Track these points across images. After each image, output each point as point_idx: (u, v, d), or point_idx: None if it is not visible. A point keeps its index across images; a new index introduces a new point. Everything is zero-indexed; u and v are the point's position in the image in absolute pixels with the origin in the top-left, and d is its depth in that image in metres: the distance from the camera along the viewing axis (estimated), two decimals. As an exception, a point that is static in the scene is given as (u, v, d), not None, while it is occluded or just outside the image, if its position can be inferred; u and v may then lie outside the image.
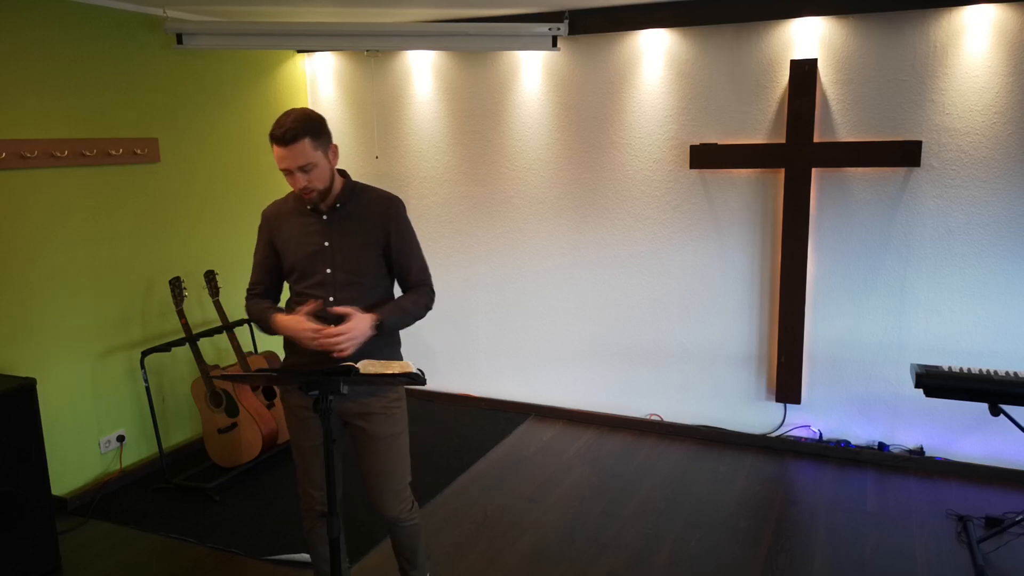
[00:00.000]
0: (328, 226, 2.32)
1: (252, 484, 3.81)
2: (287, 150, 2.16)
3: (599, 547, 3.19)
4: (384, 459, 2.39)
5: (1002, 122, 3.53)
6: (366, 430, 2.36)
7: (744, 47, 3.90)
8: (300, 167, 2.18)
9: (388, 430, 2.38)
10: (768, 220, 4.00)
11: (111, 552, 3.24)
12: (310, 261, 2.31)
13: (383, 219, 2.34)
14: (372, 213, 2.35)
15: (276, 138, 2.17)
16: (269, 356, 4.12)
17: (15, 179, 3.36)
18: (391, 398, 2.38)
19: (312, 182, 2.22)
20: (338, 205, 2.33)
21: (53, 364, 3.56)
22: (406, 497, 2.46)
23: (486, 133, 4.56)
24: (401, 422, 2.43)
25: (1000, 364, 3.64)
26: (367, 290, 2.33)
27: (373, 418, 2.36)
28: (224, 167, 4.38)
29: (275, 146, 2.18)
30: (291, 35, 4.12)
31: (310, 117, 2.21)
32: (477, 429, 4.46)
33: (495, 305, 4.71)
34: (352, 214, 2.34)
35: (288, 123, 2.16)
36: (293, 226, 2.35)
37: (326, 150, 2.24)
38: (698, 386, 4.30)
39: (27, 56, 3.38)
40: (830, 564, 3.02)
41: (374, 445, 2.38)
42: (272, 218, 2.41)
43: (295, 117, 2.18)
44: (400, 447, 2.43)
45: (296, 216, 2.36)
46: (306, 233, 2.33)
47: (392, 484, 2.42)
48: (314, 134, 2.19)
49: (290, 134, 2.15)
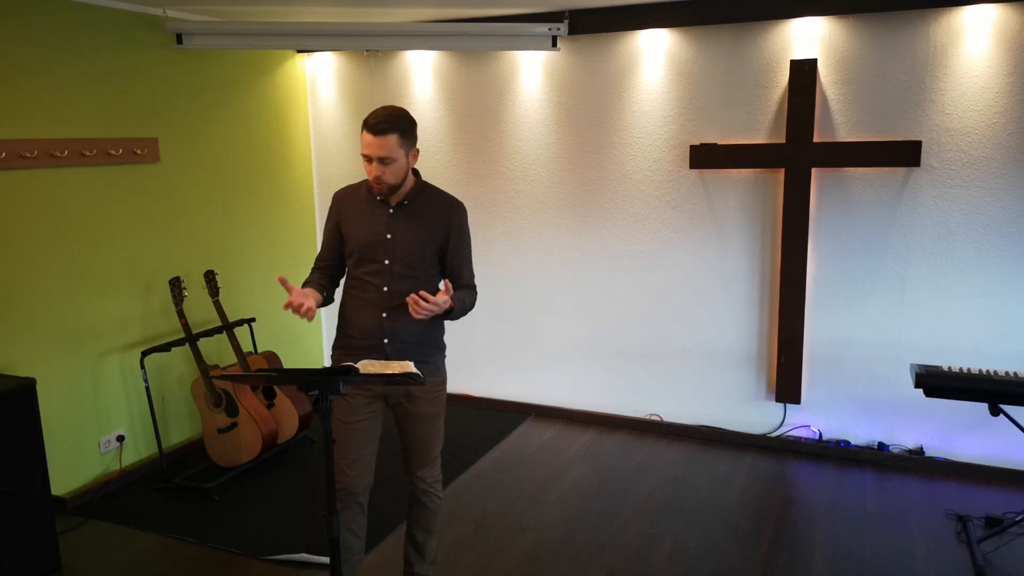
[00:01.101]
0: (393, 219, 2.44)
1: (252, 484, 3.81)
2: (375, 139, 2.28)
3: (599, 546, 3.19)
4: (424, 435, 2.57)
5: (1002, 122, 3.53)
6: (409, 410, 2.52)
7: (744, 47, 3.91)
8: (380, 158, 2.30)
9: (430, 410, 2.55)
10: (768, 220, 4.00)
11: (111, 552, 3.24)
12: (371, 249, 2.44)
13: (446, 221, 2.48)
14: (436, 214, 2.48)
15: (369, 126, 2.29)
16: (269, 356, 4.12)
17: (15, 179, 3.36)
18: (434, 383, 2.53)
19: (385, 175, 2.34)
20: (406, 201, 2.45)
21: (53, 364, 3.56)
22: (437, 465, 2.65)
23: (486, 133, 4.55)
24: (441, 402, 2.60)
25: (1000, 364, 3.64)
26: (420, 284, 2.43)
27: (416, 400, 2.51)
28: (224, 167, 4.38)
29: (365, 132, 2.30)
30: (291, 35, 4.12)
31: (405, 117, 2.35)
32: (477, 429, 4.46)
33: (495, 305, 4.71)
34: (418, 211, 2.46)
35: (383, 115, 2.30)
36: (362, 213, 2.47)
37: (408, 150, 2.37)
38: (698, 386, 4.30)
39: (27, 56, 3.38)
40: (830, 564, 3.02)
41: (416, 423, 2.54)
42: (342, 201, 2.54)
43: (391, 112, 2.32)
44: (439, 424, 2.61)
45: (365, 204, 2.48)
46: (372, 223, 2.45)
47: (429, 455, 2.61)
48: (403, 132, 2.32)
49: (382, 125, 2.28)
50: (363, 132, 2.32)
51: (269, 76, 4.66)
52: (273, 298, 4.68)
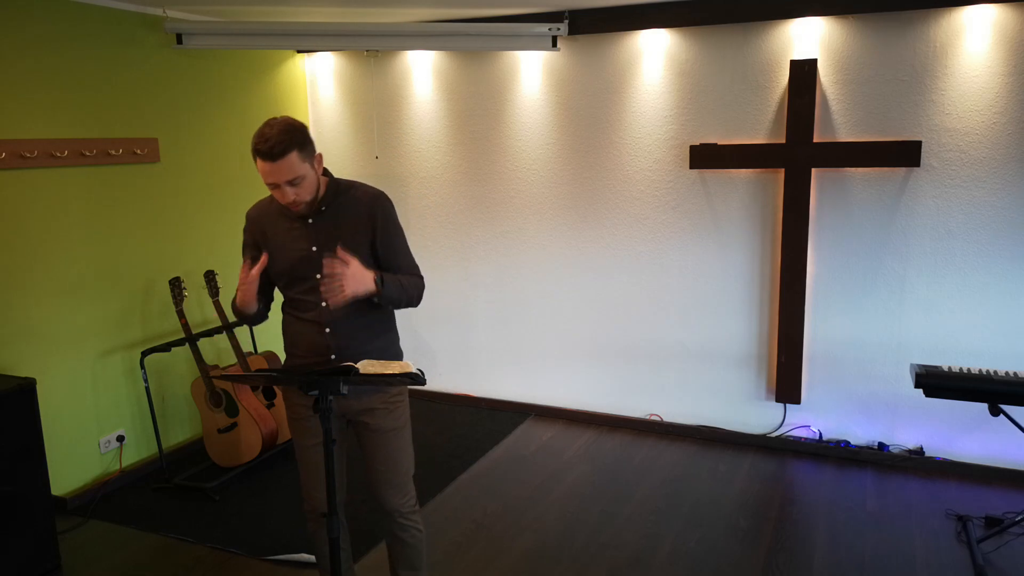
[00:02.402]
0: (314, 230, 2.27)
1: (252, 484, 3.81)
2: (274, 165, 2.07)
3: (599, 546, 3.19)
4: (387, 452, 2.39)
5: (1002, 122, 3.53)
6: (369, 425, 2.36)
7: (744, 47, 3.91)
8: (288, 181, 2.11)
9: (390, 424, 2.38)
10: (768, 220, 4.00)
11: (111, 552, 3.24)
12: (299, 267, 2.27)
13: (368, 217, 2.29)
14: (357, 212, 2.29)
15: (262, 153, 2.06)
16: (269, 356, 4.12)
17: (15, 179, 3.37)
18: (392, 392, 2.38)
19: (300, 195, 2.16)
20: (323, 208, 2.27)
21: (53, 364, 3.56)
22: (409, 491, 2.45)
23: (486, 133, 4.56)
24: (403, 416, 2.42)
25: (1000, 364, 3.64)
26: None
27: (375, 413, 2.35)
28: (224, 167, 4.38)
29: (260, 160, 2.08)
30: (291, 35, 4.12)
31: (295, 128, 2.11)
32: (477, 429, 4.46)
33: (495, 305, 4.71)
34: (337, 215, 2.28)
35: (274, 136, 2.06)
36: (279, 230, 2.29)
37: (312, 160, 2.17)
38: (698, 386, 4.30)
39: (27, 56, 3.38)
40: (830, 564, 3.02)
41: (377, 439, 2.37)
42: (256, 220, 2.35)
43: (280, 129, 2.07)
44: (403, 440, 2.42)
45: (281, 219, 2.30)
46: (292, 238, 2.27)
47: (395, 477, 2.41)
48: (300, 146, 2.10)
49: (277, 148, 2.05)
50: (257, 160, 2.08)
51: (269, 76, 4.66)
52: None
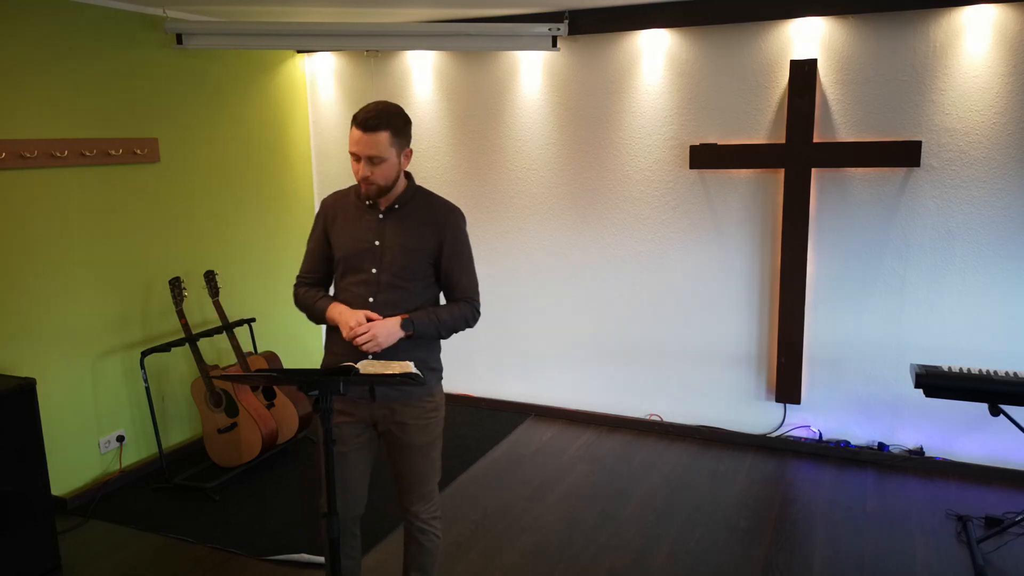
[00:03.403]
0: (382, 225, 2.28)
1: (252, 484, 3.81)
2: (365, 136, 2.13)
3: (599, 546, 3.19)
4: (416, 466, 2.36)
5: (1002, 122, 3.53)
6: (400, 438, 2.33)
7: (744, 47, 3.91)
8: (370, 157, 2.15)
9: (423, 439, 2.34)
10: (768, 220, 4.00)
11: (111, 552, 3.24)
12: (358, 257, 2.27)
13: (439, 227, 2.29)
14: (429, 219, 2.29)
15: (358, 121, 2.14)
16: (269, 356, 4.12)
17: (15, 179, 3.36)
18: (427, 408, 2.33)
19: (374, 175, 2.18)
20: (396, 206, 2.29)
21: (53, 364, 3.56)
22: (435, 499, 2.44)
23: (486, 133, 4.56)
24: (436, 430, 2.38)
25: (1000, 364, 3.64)
26: (411, 295, 2.28)
27: (408, 428, 2.31)
28: (224, 167, 4.38)
29: (354, 127, 2.15)
30: (291, 35, 4.12)
31: (399, 113, 2.19)
32: (477, 429, 4.46)
33: (495, 305, 4.71)
34: (409, 216, 2.29)
35: (374, 110, 2.14)
36: (349, 219, 2.31)
37: (401, 150, 2.21)
38: (698, 386, 4.30)
39: (27, 56, 3.38)
40: (830, 564, 3.02)
41: (407, 454, 2.34)
42: (330, 207, 2.37)
43: (383, 107, 2.16)
44: (434, 455, 2.40)
45: (354, 210, 2.32)
46: (360, 229, 2.29)
47: (422, 488, 2.39)
48: (396, 130, 2.17)
49: (372, 121, 2.12)
50: (352, 128, 2.16)
51: (269, 76, 4.66)
52: (273, 298, 4.68)
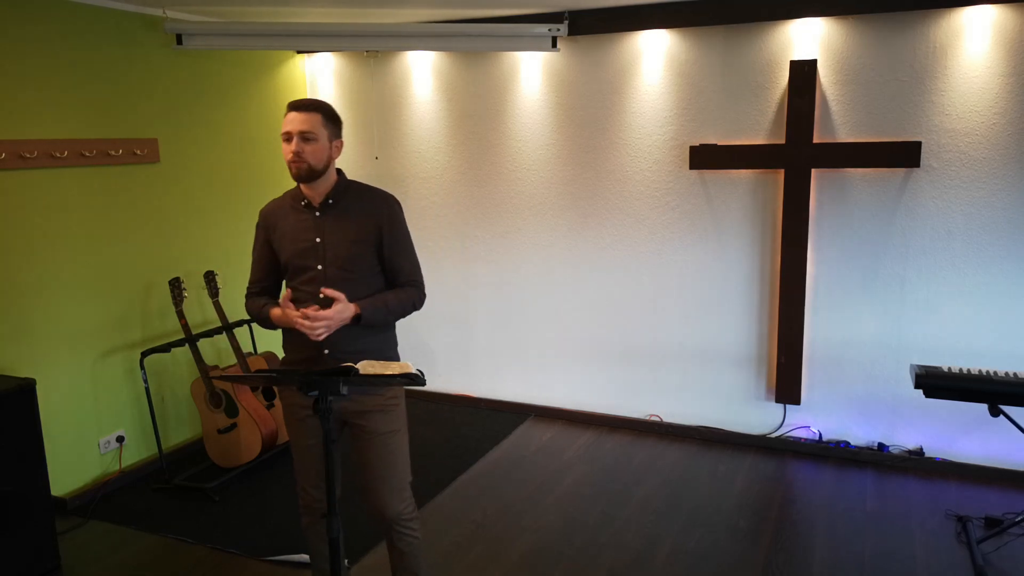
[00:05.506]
0: (321, 221, 2.35)
1: (252, 484, 3.81)
2: (299, 114, 2.26)
3: (599, 547, 3.19)
4: (383, 455, 2.38)
5: (1002, 123, 3.53)
6: (364, 427, 2.37)
7: (744, 48, 3.91)
8: (301, 132, 2.25)
9: (386, 427, 2.38)
10: (768, 220, 4.00)
11: (111, 552, 3.24)
12: (301, 257, 2.35)
13: (376, 216, 2.37)
14: (366, 210, 2.37)
15: (293, 104, 2.28)
16: (269, 356, 4.12)
17: (15, 179, 3.37)
18: (387, 395, 2.39)
19: (304, 153, 2.26)
20: (330, 200, 2.36)
21: (53, 364, 3.56)
22: (407, 497, 2.44)
23: (486, 134, 4.56)
24: (399, 419, 2.43)
25: (1000, 364, 3.64)
26: (357, 286, 2.34)
27: (371, 415, 2.36)
28: (224, 167, 4.38)
29: (289, 112, 2.28)
30: (291, 35, 4.12)
31: (332, 107, 2.35)
32: (477, 429, 4.46)
33: (495, 305, 4.71)
34: (345, 210, 2.37)
35: (310, 99, 2.32)
36: (288, 223, 2.39)
37: (332, 138, 2.32)
38: (698, 386, 4.30)
39: (27, 56, 3.38)
40: (829, 564, 3.02)
41: (373, 442, 2.37)
42: (269, 215, 2.45)
43: (319, 100, 2.33)
44: (399, 444, 2.42)
45: (291, 212, 2.39)
46: (299, 229, 2.36)
47: (392, 481, 2.40)
48: (327, 115, 2.31)
49: (306, 103, 2.28)
50: (287, 113, 2.29)
51: (269, 76, 4.66)
52: (273, 298, 4.67)
